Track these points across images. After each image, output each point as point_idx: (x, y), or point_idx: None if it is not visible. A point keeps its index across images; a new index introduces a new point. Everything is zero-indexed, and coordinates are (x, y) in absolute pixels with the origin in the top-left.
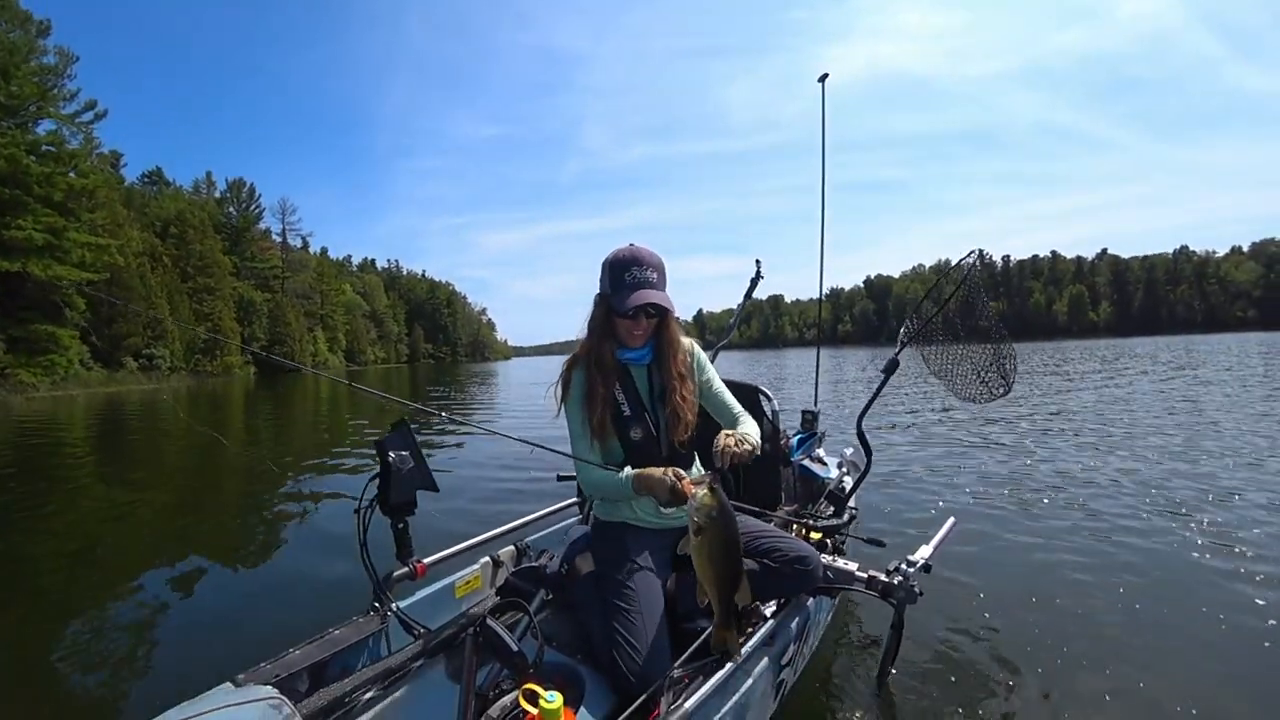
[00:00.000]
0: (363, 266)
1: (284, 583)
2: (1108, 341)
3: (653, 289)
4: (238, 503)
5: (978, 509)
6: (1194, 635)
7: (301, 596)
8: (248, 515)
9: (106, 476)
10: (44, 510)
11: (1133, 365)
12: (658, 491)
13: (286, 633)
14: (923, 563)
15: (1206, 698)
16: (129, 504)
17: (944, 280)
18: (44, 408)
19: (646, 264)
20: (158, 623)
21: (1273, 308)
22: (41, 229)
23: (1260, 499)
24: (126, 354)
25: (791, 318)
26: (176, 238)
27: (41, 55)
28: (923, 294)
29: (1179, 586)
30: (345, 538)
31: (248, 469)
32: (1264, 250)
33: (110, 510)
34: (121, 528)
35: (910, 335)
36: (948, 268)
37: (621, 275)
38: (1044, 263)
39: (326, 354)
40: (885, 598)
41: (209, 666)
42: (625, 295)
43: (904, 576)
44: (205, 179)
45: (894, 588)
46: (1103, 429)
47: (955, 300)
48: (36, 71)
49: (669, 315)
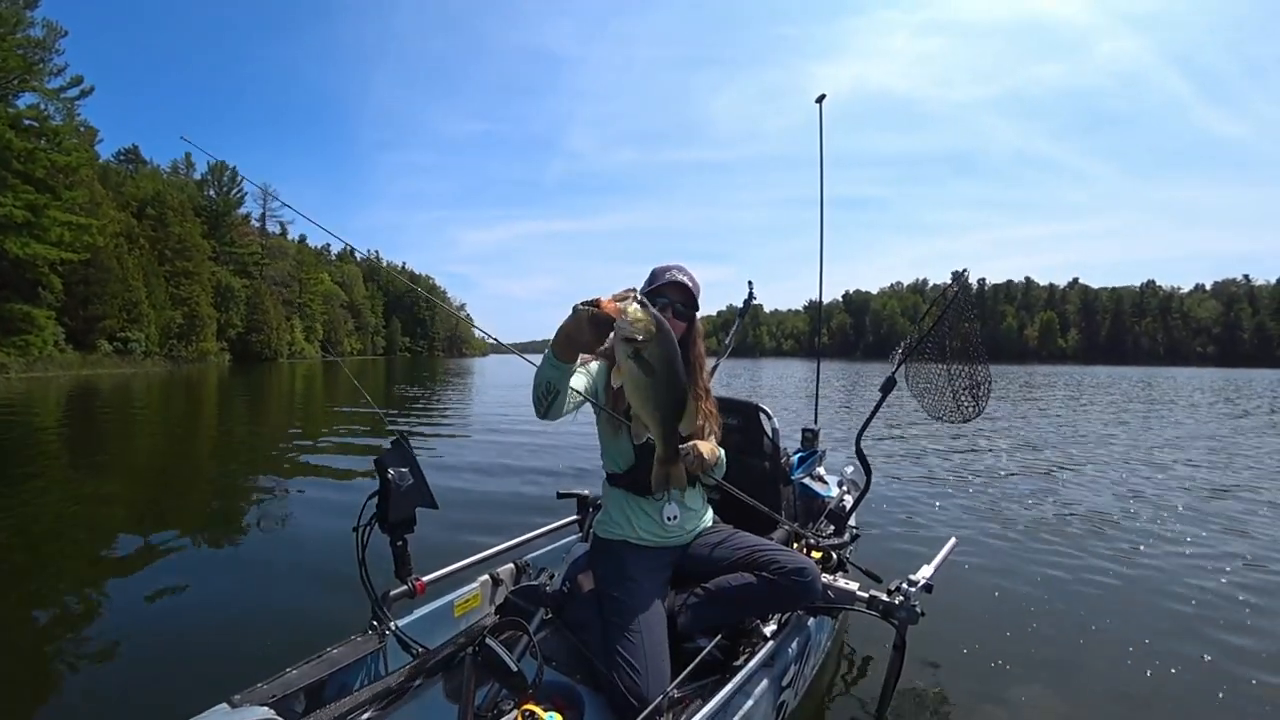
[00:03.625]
0: (342, 256)
1: (280, 600)
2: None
3: (688, 278)
4: (234, 512)
5: (981, 528)
6: (1201, 664)
7: (298, 614)
8: (244, 529)
9: (95, 466)
10: (14, 508)
11: (1137, 394)
12: (574, 331)
13: (283, 652)
14: (924, 582)
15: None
16: (113, 507)
17: (939, 299)
18: (21, 389)
19: (685, 270)
20: (150, 642)
21: (1230, 345)
22: (21, 206)
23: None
24: (101, 337)
25: (770, 328)
26: (154, 219)
27: (28, 27)
28: (922, 312)
29: (1190, 614)
30: (343, 554)
31: (243, 472)
32: (1225, 289)
33: (91, 515)
34: (107, 538)
35: (908, 353)
36: (944, 286)
37: (661, 274)
38: (1018, 288)
39: (303, 344)
40: (886, 618)
41: (204, 687)
42: (655, 281)
43: (905, 596)
44: (184, 160)
45: (895, 608)
46: (1109, 454)
47: (950, 321)
48: (22, 44)
49: (695, 327)
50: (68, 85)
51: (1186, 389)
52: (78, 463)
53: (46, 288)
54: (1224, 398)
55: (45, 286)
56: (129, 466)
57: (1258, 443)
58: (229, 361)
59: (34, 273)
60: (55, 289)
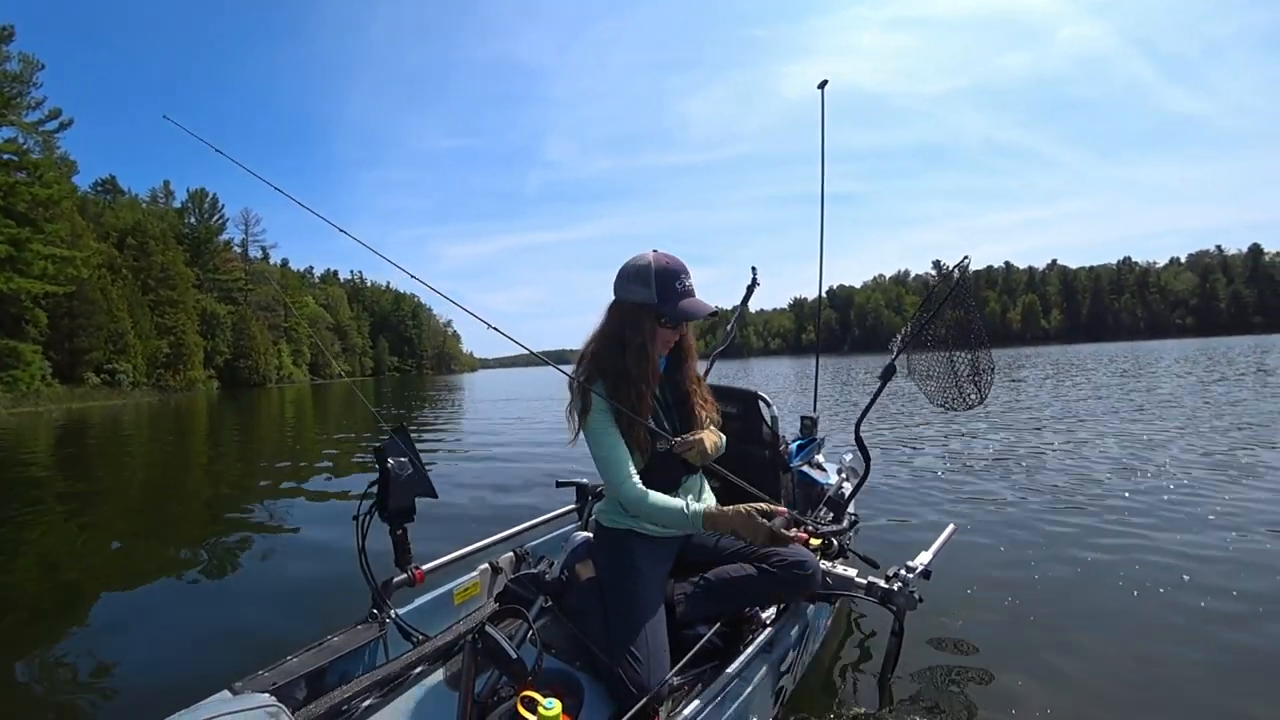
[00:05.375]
0: (325, 278)
1: (281, 589)
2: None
3: (701, 299)
4: (229, 510)
5: (981, 514)
6: (1209, 644)
7: (299, 603)
8: (241, 522)
9: (92, 488)
10: (21, 521)
11: (1146, 369)
12: (747, 533)
13: (284, 640)
14: (922, 568)
15: (1224, 706)
16: (111, 508)
17: (940, 287)
18: (13, 424)
19: (689, 275)
20: (152, 631)
21: (1208, 316)
22: (3, 240)
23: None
24: (88, 369)
25: (756, 327)
26: (136, 249)
27: (4, 62)
28: (919, 302)
29: (1192, 592)
30: (343, 543)
31: (239, 476)
32: (1199, 261)
33: (97, 520)
34: (113, 536)
35: (906, 341)
36: (945, 271)
37: (673, 285)
38: (998, 273)
39: (291, 367)
40: (885, 604)
41: (206, 674)
42: (676, 303)
43: (904, 582)
44: (163, 188)
45: (894, 594)
46: (1105, 433)
47: (949, 308)
48: None
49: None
50: (46, 118)
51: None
52: (73, 490)
53: (31, 322)
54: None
55: (30, 320)
56: (123, 484)
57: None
58: (218, 388)
59: (18, 307)
60: (40, 323)
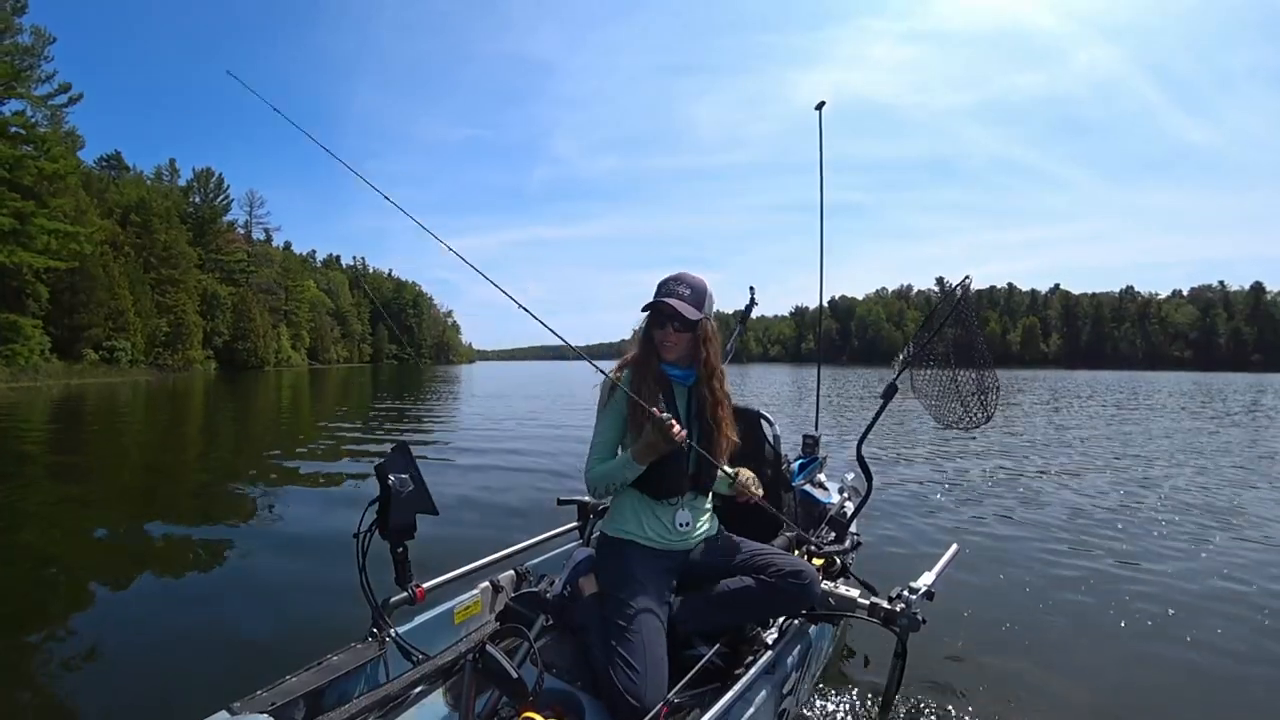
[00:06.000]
0: (327, 263)
1: (279, 607)
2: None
3: (680, 300)
4: (229, 522)
5: (985, 535)
6: (1211, 671)
7: (297, 621)
8: (241, 536)
9: (83, 471)
10: (9, 524)
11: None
12: (655, 438)
13: (283, 659)
14: (925, 589)
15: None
16: (108, 509)
17: (942, 305)
18: (12, 399)
19: (683, 281)
20: (148, 649)
21: (1207, 350)
22: (8, 213)
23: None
24: (87, 345)
25: (756, 334)
26: (139, 226)
27: (16, 34)
28: (920, 318)
29: (1193, 619)
30: (343, 560)
31: (234, 478)
32: (1201, 295)
33: (86, 519)
34: (102, 545)
35: (909, 359)
36: (948, 290)
37: (662, 286)
38: (1000, 293)
39: (290, 351)
40: (888, 625)
41: (203, 694)
42: (653, 300)
43: (906, 604)
44: (168, 166)
45: (896, 615)
46: (1110, 457)
47: (951, 326)
48: (10, 50)
49: (705, 336)
50: (55, 92)
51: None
52: (67, 469)
53: (33, 296)
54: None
55: (31, 295)
56: (118, 474)
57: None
58: (215, 370)
59: (20, 281)
60: (41, 297)
